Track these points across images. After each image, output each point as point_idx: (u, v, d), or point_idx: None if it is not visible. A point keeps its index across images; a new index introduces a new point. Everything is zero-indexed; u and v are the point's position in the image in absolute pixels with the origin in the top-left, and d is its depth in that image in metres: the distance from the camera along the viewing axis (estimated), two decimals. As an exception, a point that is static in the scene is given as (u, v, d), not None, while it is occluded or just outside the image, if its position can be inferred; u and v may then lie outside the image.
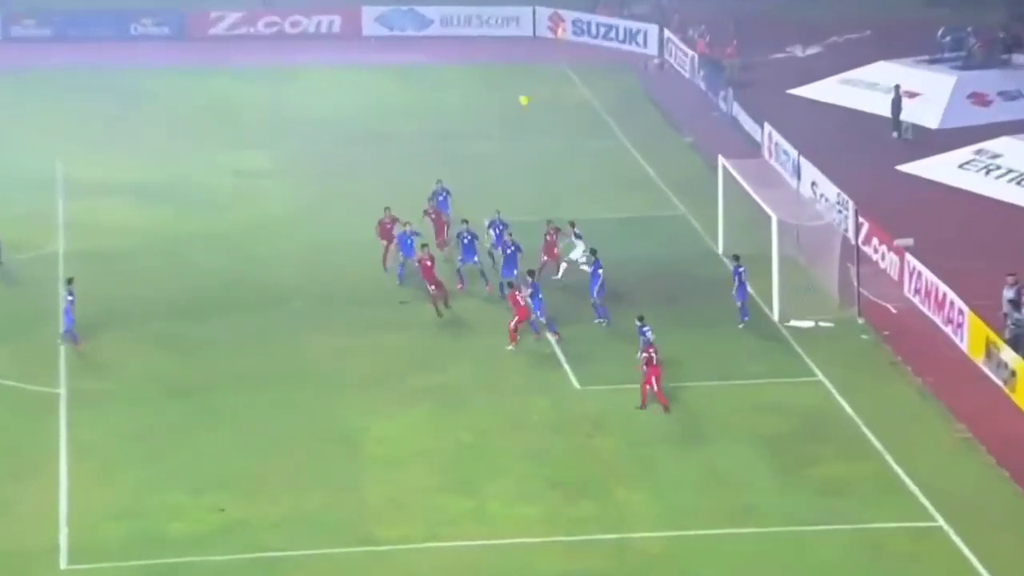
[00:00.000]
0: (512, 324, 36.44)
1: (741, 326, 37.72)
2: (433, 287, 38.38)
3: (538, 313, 37.15)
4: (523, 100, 39.57)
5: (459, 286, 39.76)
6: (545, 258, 40.05)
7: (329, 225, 45.12)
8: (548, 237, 40.31)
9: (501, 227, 40.56)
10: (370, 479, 31.17)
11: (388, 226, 41.55)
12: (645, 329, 34.79)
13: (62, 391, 34.91)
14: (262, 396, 34.67)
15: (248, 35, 66.80)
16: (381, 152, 50.97)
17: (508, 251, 39.06)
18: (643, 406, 33.57)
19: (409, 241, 40.41)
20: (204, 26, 66.90)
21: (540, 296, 37.14)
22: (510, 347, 36.51)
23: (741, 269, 38.03)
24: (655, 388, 33.62)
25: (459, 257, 40.01)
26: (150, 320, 38.57)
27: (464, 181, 46.12)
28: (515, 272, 38.84)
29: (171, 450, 32.28)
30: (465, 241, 39.93)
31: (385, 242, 41.41)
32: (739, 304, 37.88)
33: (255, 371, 35.84)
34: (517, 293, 36.80)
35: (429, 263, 38.48)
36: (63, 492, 30.61)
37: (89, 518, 29.65)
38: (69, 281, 37.47)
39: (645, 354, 33.78)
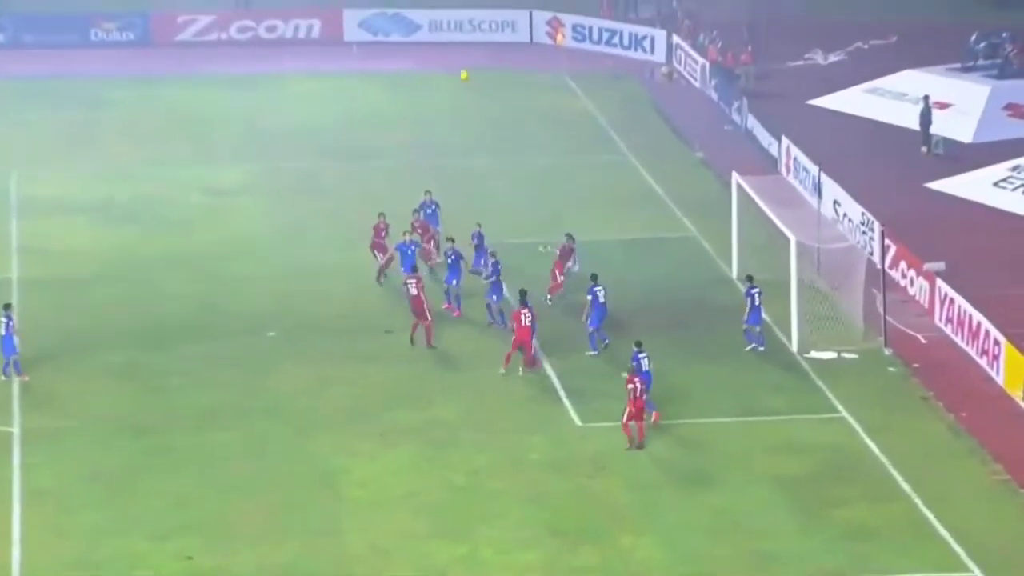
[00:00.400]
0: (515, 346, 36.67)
1: (750, 348, 37.80)
2: (416, 318, 38.25)
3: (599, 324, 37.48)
4: (463, 75, 39.80)
5: (451, 310, 39.75)
6: (561, 278, 40.29)
7: (307, 247, 45.11)
8: (559, 253, 40.68)
9: (479, 238, 41.27)
10: (351, 524, 31.07)
11: (382, 234, 41.80)
12: (640, 356, 34.91)
13: (15, 429, 34.83)
14: (233, 433, 34.59)
15: (220, 41, 66.91)
16: (364, 167, 50.98)
17: (492, 278, 39.18)
18: (630, 446, 33.52)
19: (410, 252, 40.71)
20: (171, 31, 67.01)
21: (603, 302, 37.33)
22: (501, 371, 36.69)
23: (755, 291, 38.04)
24: (630, 422, 33.53)
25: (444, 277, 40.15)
26: (111, 351, 38.51)
27: (455, 198, 46.13)
28: (497, 297, 38.95)
29: (133, 493, 32.17)
30: (450, 260, 40.06)
31: (380, 254, 41.46)
32: (756, 329, 37.87)
33: (225, 406, 35.77)
34: (523, 312, 36.78)
35: (415, 290, 38.38)
36: (15, 541, 30.49)
37: (44, 570, 29.50)
38: (6, 307, 37.38)
39: (631, 384, 33.75)
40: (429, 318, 38.22)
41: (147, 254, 44.77)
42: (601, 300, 37.64)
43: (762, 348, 38.00)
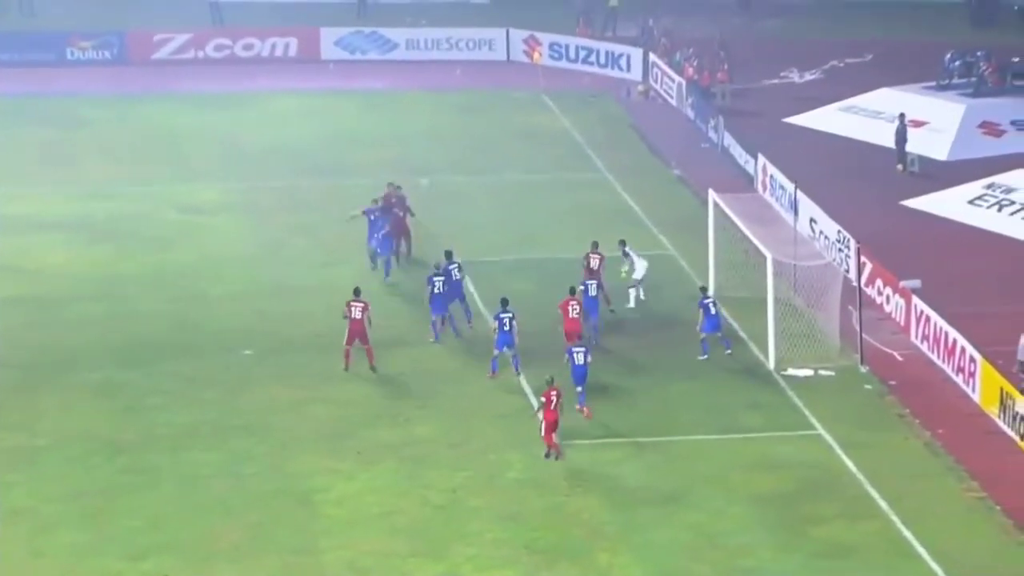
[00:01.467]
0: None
1: (708, 354, 38.36)
2: (358, 341, 37.89)
3: (505, 347, 37.36)
4: (536, 57, 40.04)
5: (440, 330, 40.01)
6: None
7: (283, 265, 45.06)
8: (590, 260, 40.74)
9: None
10: (329, 543, 30.99)
11: (394, 208, 43.88)
12: (575, 351, 35.59)
13: (-10, 447, 34.73)
14: (209, 452, 34.48)
15: (196, 59, 66.85)
16: (342, 185, 50.91)
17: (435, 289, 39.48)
18: (550, 455, 33.76)
19: (372, 217, 42.94)
20: (148, 50, 66.92)
21: (507, 329, 37.26)
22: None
23: (708, 301, 38.61)
24: (544, 431, 33.76)
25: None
26: (88, 370, 38.38)
27: (431, 217, 46.08)
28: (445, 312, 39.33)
29: (109, 512, 32.05)
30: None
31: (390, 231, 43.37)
32: (716, 336, 38.36)
33: (202, 425, 35.67)
34: (570, 303, 37.84)
35: (359, 314, 38.03)
36: (-10, 560, 30.42)
37: (18, 589, 29.47)
38: None
39: (544, 398, 33.85)
40: (369, 342, 38.04)
41: (124, 272, 44.67)
42: (506, 328, 37.48)
43: (729, 350, 38.37)
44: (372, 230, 43.74)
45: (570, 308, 38.21)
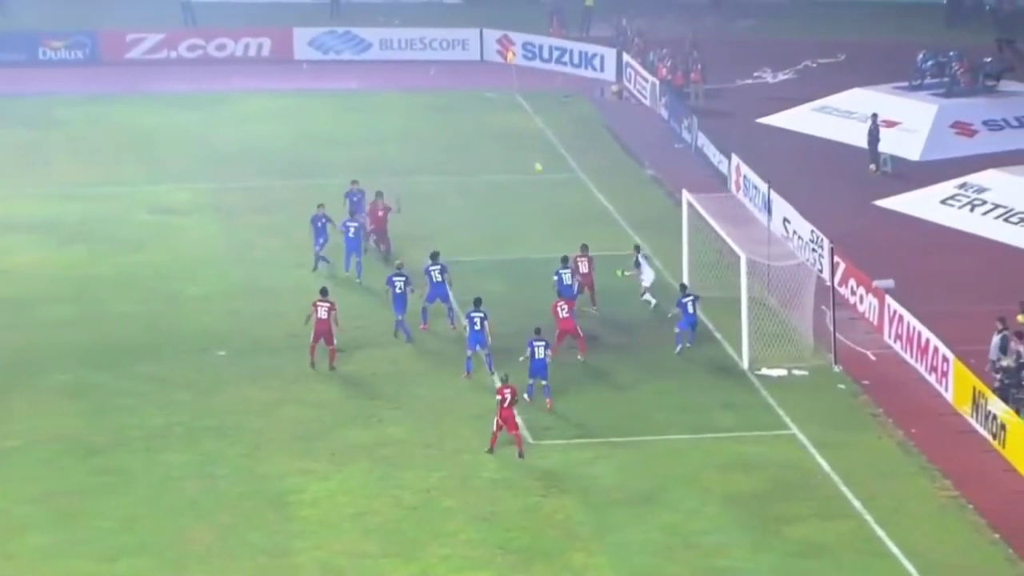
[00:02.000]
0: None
1: (683, 347, 38.75)
2: (324, 341, 37.84)
3: (478, 347, 37.25)
4: (538, 167, 40.66)
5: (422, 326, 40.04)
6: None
7: (256, 266, 44.94)
8: (578, 264, 40.98)
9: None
10: (302, 544, 30.90)
11: (380, 214, 44.06)
12: (536, 344, 35.87)
13: (-39, 449, 34.55)
14: (182, 454, 34.36)
15: (169, 59, 66.66)
16: (314, 186, 50.78)
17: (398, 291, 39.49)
18: (491, 450, 33.99)
19: (320, 224, 43.20)
20: (120, 50, 66.70)
21: (478, 329, 37.21)
22: (579, 357, 38.29)
23: (686, 300, 38.96)
24: (497, 429, 33.86)
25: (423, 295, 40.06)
26: (59, 371, 38.21)
27: (405, 217, 46.02)
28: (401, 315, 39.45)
29: (81, 514, 31.89)
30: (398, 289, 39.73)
31: (374, 237, 44.11)
32: (686, 332, 38.73)
33: (174, 426, 35.54)
34: (558, 303, 38.38)
35: (324, 314, 37.98)
36: (-40, 563, 30.26)
37: (-12, 591, 29.34)
38: None
39: (499, 396, 33.98)
40: (334, 343, 37.97)
41: (96, 273, 44.49)
42: (476, 328, 37.44)
43: (690, 344, 38.83)
44: (318, 236, 43.76)
45: (559, 309, 38.49)
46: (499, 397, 34.16)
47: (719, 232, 40.60)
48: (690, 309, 38.96)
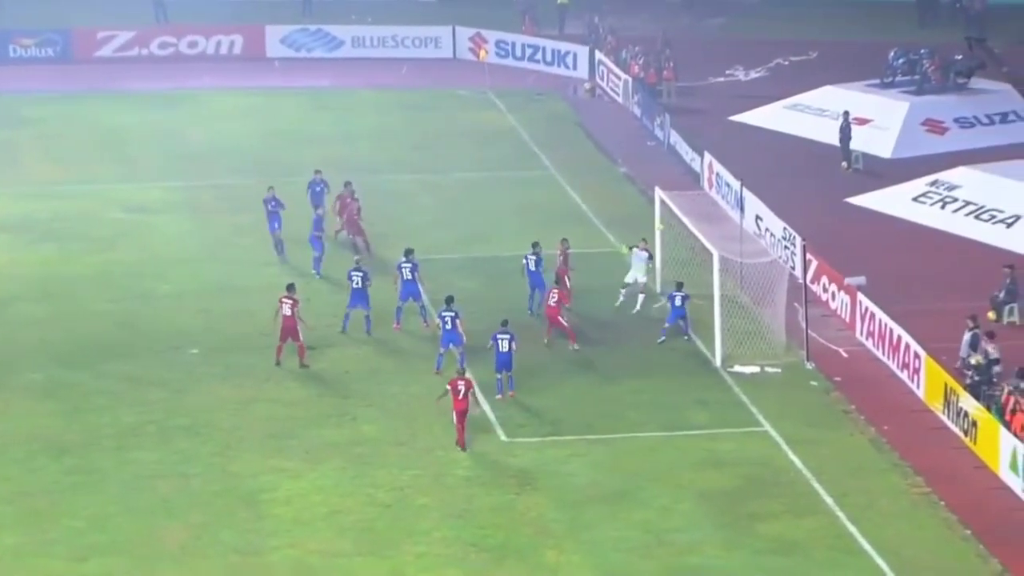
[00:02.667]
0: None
1: (661, 341, 39.20)
2: (290, 338, 37.86)
3: (451, 345, 37.32)
4: (659, 225, 41.12)
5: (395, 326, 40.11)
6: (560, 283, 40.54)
7: (228, 264, 44.85)
8: (561, 256, 41.00)
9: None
10: (275, 543, 30.86)
11: (349, 203, 44.61)
12: (500, 337, 36.14)
13: (-68, 449, 34.42)
14: (154, 452, 34.28)
15: (140, 57, 66.45)
16: (287, 184, 50.66)
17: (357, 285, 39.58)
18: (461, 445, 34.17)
19: (270, 207, 44.13)
20: (91, 47, 66.48)
21: (450, 328, 37.21)
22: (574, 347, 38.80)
23: (675, 295, 39.25)
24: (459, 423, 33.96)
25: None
26: (31, 370, 38.09)
27: (377, 215, 45.99)
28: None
29: (53, 513, 31.80)
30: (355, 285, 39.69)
31: (346, 229, 44.37)
32: (666, 326, 39.14)
33: (147, 425, 35.46)
34: (550, 292, 38.91)
35: (289, 311, 37.97)
36: (-70, 562, 30.15)
37: (-42, 592, 29.23)
38: None
39: (461, 381, 34.12)
40: (301, 339, 37.96)
41: (68, 272, 44.35)
42: (447, 327, 37.47)
43: (660, 340, 39.30)
44: (272, 220, 44.55)
45: (549, 297, 39.22)
46: (448, 387, 34.06)
47: (692, 229, 40.67)
48: (676, 303, 39.20)
